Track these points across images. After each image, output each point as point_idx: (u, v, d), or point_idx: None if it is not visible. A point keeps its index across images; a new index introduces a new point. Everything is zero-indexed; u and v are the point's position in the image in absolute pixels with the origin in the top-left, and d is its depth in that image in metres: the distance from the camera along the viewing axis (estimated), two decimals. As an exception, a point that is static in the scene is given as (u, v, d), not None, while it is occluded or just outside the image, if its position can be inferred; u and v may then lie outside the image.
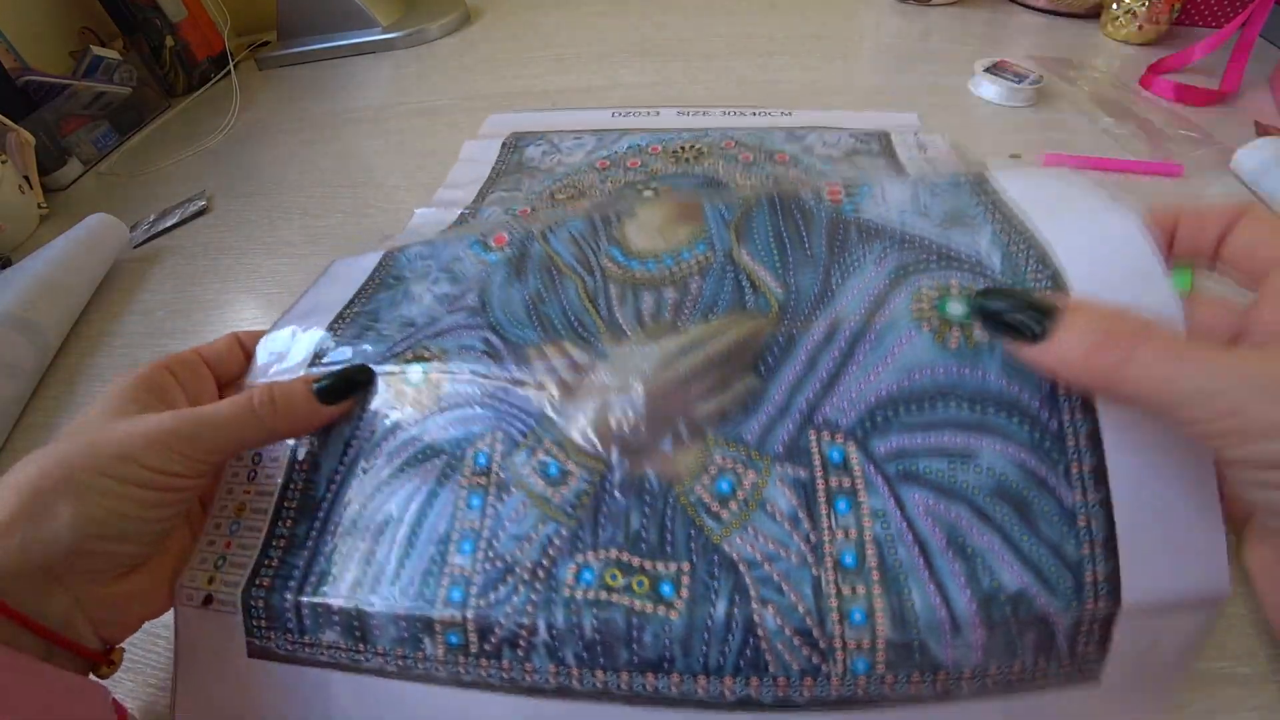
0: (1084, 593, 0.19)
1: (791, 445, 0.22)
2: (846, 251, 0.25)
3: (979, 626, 0.20)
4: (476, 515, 0.24)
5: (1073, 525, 0.20)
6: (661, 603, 0.21)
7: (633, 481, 0.23)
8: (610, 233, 0.29)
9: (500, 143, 0.54)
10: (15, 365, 0.38)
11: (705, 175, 0.46)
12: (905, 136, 0.50)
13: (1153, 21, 0.61)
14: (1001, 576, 0.20)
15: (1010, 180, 0.26)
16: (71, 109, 0.63)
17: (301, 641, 0.24)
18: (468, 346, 0.27)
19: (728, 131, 0.52)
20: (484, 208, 0.46)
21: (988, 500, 0.20)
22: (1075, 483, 0.20)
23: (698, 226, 0.29)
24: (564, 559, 0.22)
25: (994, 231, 0.24)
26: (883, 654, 0.20)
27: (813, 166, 0.46)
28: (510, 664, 0.22)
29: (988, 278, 0.23)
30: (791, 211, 0.28)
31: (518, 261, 0.30)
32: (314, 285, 0.34)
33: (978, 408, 0.21)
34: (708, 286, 0.26)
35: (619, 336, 0.25)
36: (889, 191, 0.27)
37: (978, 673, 0.20)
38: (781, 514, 0.22)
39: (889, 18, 0.72)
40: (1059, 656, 0.20)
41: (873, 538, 0.21)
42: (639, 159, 0.50)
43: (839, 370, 0.23)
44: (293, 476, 0.26)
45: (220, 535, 0.26)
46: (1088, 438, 0.20)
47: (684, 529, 0.22)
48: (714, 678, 0.21)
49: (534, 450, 0.24)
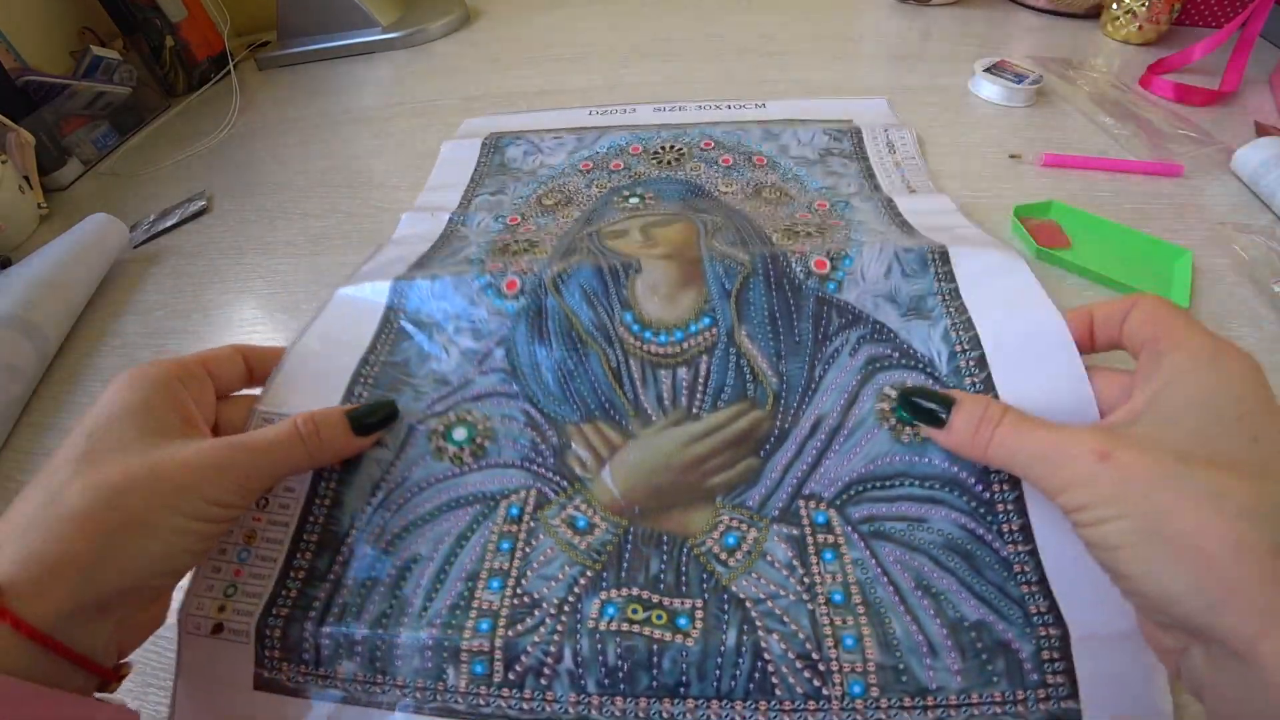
0: (1033, 620, 0.24)
1: (785, 510, 0.27)
2: (828, 340, 0.32)
3: (952, 649, 0.23)
4: (506, 558, 0.27)
5: (1010, 571, 0.25)
6: (679, 632, 0.24)
7: (652, 535, 0.27)
8: (621, 293, 0.34)
9: (480, 142, 0.54)
10: (15, 365, 0.38)
11: (688, 181, 0.48)
12: (876, 134, 0.51)
13: (1153, 21, 0.61)
14: (963, 609, 0.24)
15: (966, 262, 0.33)
16: (71, 109, 0.63)
17: (315, 674, 0.25)
18: (510, 416, 0.31)
19: (705, 130, 0.53)
20: (471, 214, 0.46)
21: (941, 553, 0.25)
22: (1008, 538, 0.25)
23: (700, 292, 0.34)
24: (589, 595, 0.25)
25: (946, 328, 0.31)
26: (875, 676, 0.23)
27: (789, 171, 0.48)
28: (532, 693, 0.24)
29: (936, 379, 0.29)
30: (784, 287, 0.33)
31: (535, 316, 0.34)
32: (319, 317, 0.35)
33: (927, 484, 0.27)
34: (715, 369, 0.31)
35: (645, 419, 0.30)
36: (867, 268, 0.33)
37: (962, 699, 0.23)
38: (779, 563, 0.26)
39: (889, 18, 0.72)
40: (1032, 685, 0.23)
41: (855, 580, 0.25)
42: (621, 160, 0.51)
43: (820, 457, 0.28)
44: (312, 510, 0.28)
45: (228, 562, 0.27)
46: (1014, 503, 0.25)
47: (697, 573, 0.26)
48: (726, 702, 0.23)
49: (564, 506, 0.28)
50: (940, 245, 0.33)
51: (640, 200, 0.46)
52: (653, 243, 0.37)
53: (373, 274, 0.39)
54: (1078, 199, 0.43)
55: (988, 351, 0.29)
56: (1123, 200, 0.44)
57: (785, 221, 0.41)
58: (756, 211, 0.43)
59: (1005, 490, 0.26)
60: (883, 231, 0.37)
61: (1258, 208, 0.43)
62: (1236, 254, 0.39)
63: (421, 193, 0.51)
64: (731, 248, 0.35)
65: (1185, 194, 0.44)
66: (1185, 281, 0.37)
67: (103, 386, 0.40)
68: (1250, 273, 0.38)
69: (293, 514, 0.28)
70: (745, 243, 0.36)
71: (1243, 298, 0.37)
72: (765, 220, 0.41)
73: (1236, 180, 0.45)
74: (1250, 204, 0.43)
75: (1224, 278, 0.38)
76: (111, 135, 0.66)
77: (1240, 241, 0.39)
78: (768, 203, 0.45)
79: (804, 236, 0.37)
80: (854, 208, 0.43)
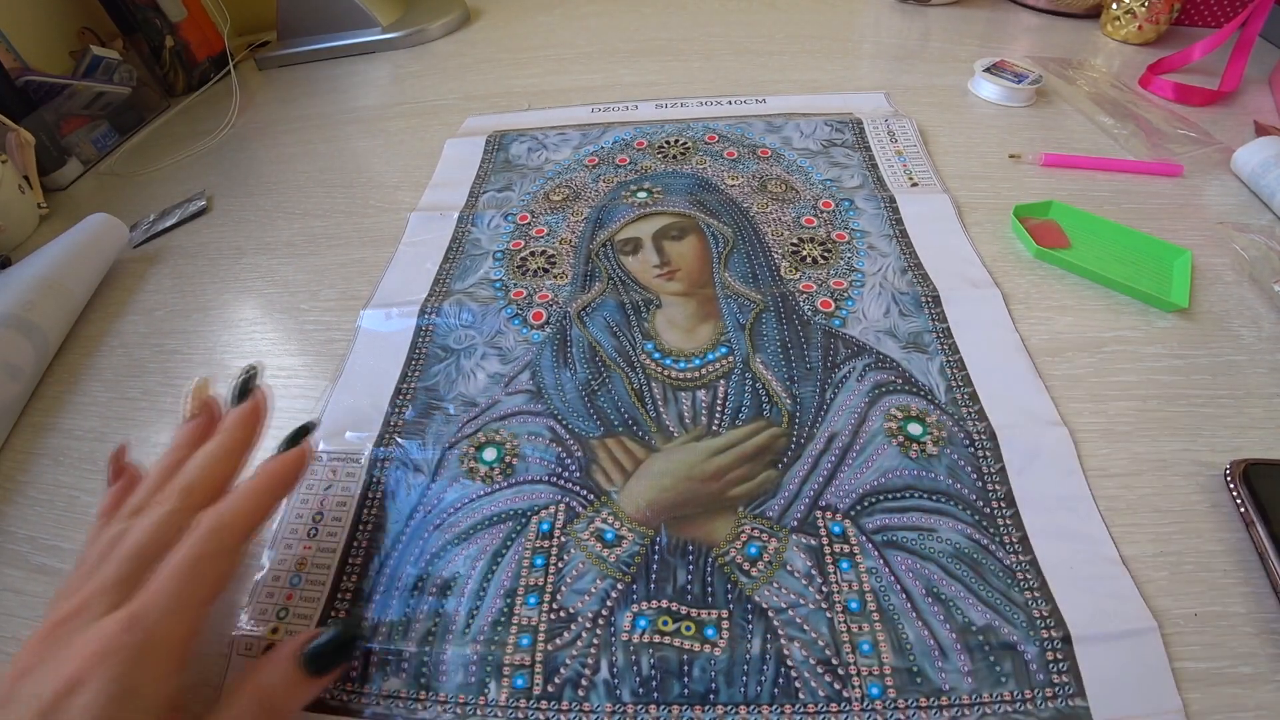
0: (1036, 623, 0.25)
1: (804, 520, 0.29)
2: (837, 367, 0.34)
3: (961, 652, 0.25)
4: (540, 574, 0.28)
5: (1013, 577, 0.26)
6: (707, 642, 0.26)
7: (678, 545, 0.28)
8: (642, 325, 0.37)
9: (484, 140, 0.55)
10: (15, 365, 0.38)
11: (694, 175, 0.48)
12: (877, 124, 0.52)
13: (1152, 21, 0.61)
14: (970, 614, 0.26)
15: (954, 308, 0.37)
16: (71, 109, 0.63)
17: (359, 691, 0.25)
18: (536, 433, 0.33)
19: (709, 124, 0.53)
20: (480, 213, 0.47)
21: (950, 561, 0.27)
22: (1010, 548, 0.27)
23: (717, 326, 0.37)
24: (621, 608, 0.27)
25: (941, 363, 0.34)
26: (891, 678, 0.24)
27: (793, 163, 0.49)
28: (570, 704, 0.25)
29: (937, 406, 0.32)
30: (793, 321, 0.37)
31: (560, 344, 0.37)
32: (354, 349, 0.38)
33: (934, 498, 0.29)
34: (732, 392, 0.34)
35: (667, 434, 0.32)
36: (868, 309, 0.37)
37: (975, 699, 0.24)
38: (799, 572, 0.27)
39: (889, 18, 0.72)
40: (1039, 685, 0.24)
41: (870, 587, 0.27)
42: (627, 155, 0.51)
43: (835, 470, 0.30)
44: (356, 535, 0.30)
45: (280, 588, 0.28)
46: (1011, 518, 0.28)
47: (722, 584, 0.27)
48: (753, 707, 0.24)
49: (592, 520, 0.29)
50: (934, 290, 0.38)
51: (649, 195, 0.46)
52: (669, 268, 0.41)
53: (395, 294, 0.41)
54: (1077, 199, 0.43)
55: (978, 388, 0.33)
56: (1122, 200, 0.44)
57: (791, 233, 0.42)
58: (763, 212, 0.44)
59: (1003, 506, 0.29)
60: (884, 255, 0.41)
61: (1258, 207, 0.43)
62: (1236, 254, 0.39)
63: (426, 190, 0.51)
64: (745, 286, 0.39)
65: (1185, 194, 0.44)
66: (1185, 281, 0.37)
67: (102, 387, 0.40)
68: (1250, 272, 0.38)
69: (339, 540, 0.30)
70: (756, 277, 0.40)
71: (1242, 297, 0.37)
72: (771, 229, 0.43)
73: (1236, 180, 0.45)
74: (1250, 204, 0.43)
75: (1224, 277, 0.38)
76: (111, 135, 0.66)
77: (1240, 241, 0.39)
78: (774, 198, 0.45)
79: (810, 264, 0.40)
80: (858, 209, 0.44)
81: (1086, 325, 0.36)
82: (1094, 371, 0.34)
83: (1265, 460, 0.28)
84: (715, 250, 0.41)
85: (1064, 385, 0.33)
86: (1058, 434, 0.31)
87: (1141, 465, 0.30)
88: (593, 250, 0.42)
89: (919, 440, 0.31)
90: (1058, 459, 0.30)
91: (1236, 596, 0.26)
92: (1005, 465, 0.30)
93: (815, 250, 0.41)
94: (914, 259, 0.40)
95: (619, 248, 0.42)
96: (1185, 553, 0.27)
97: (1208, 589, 0.26)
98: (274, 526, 0.30)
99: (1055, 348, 0.35)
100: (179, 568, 0.22)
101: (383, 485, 0.31)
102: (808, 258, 0.41)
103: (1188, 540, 0.27)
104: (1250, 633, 0.25)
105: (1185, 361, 0.34)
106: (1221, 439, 0.30)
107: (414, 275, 0.42)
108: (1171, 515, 0.28)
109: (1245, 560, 0.26)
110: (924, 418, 0.32)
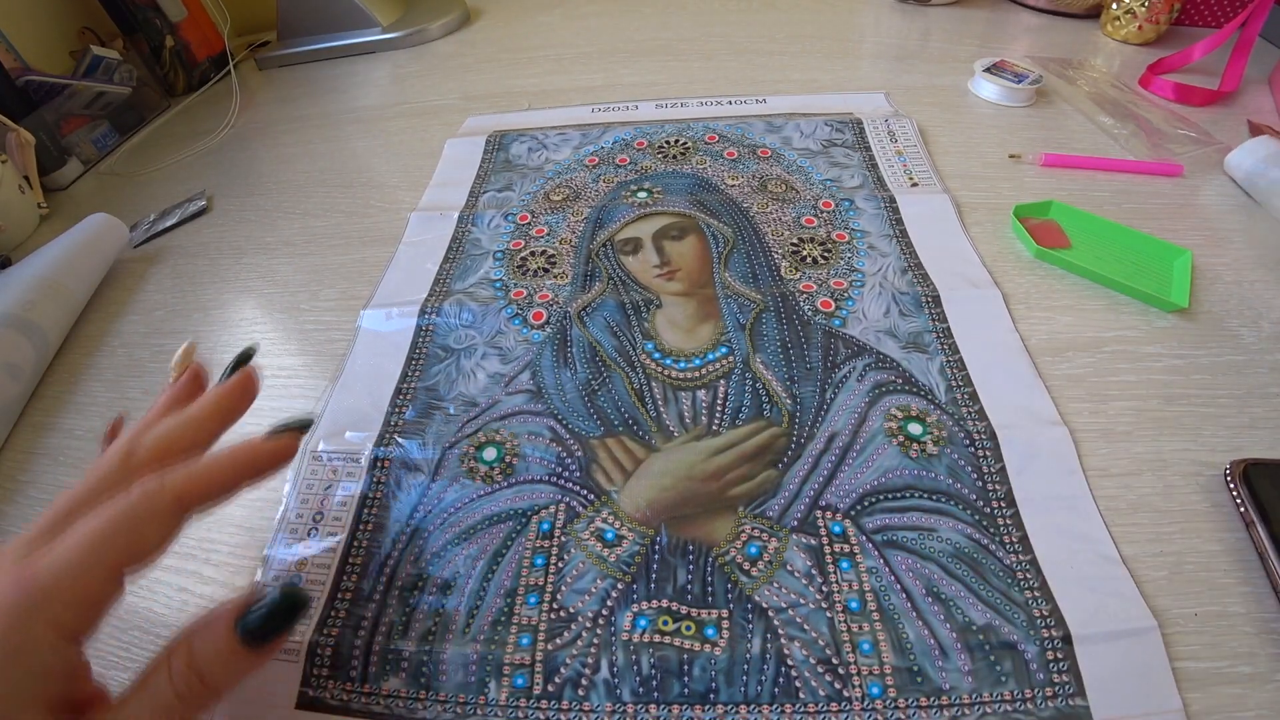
0: (1036, 623, 0.25)
1: (804, 520, 0.29)
2: (837, 367, 0.34)
3: (961, 652, 0.25)
4: (541, 573, 0.28)
5: (1014, 577, 0.26)
6: (708, 642, 0.26)
7: (678, 544, 0.28)
8: (643, 325, 0.37)
9: (484, 140, 0.55)
10: (15, 365, 0.38)
11: (695, 175, 0.48)
12: (877, 124, 0.52)
13: (1152, 21, 0.61)
14: (970, 614, 0.26)
15: (955, 307, 0.37)
16: (71, 109, 0.63)
17: (360, 691, 0.25)
18: (536, 433, 0.33)
19: (709, 124, 0.53)
20: (480, 213, 0.47)
21: (950, 560, 0.27)
22: (1010, 548, 0.27)
23: (717, 326, 0.37)
24: (622, 608, 0.27)
25: (942, 363, 0.34)
26: (891, 678, 0.24)
27: (793, 163, 0.49)
28: (570, 704, 0.24)
29: (937, 406, 0.32)
30: (794, 321, 0.37)
31: (560, 344, 0.37)
32: (354, 349, 0.38)
33: (934, 498, 0.29)
34: (732, 392, 0.34)
35: (667, 434, 0.32)
36: (868, 309, 0.37)
37: (975, 698, 0.24)
38: (799, 572, 0.27)
39: (889, 18, 0.72)
40: (1039, 684, 0.24)
41: (870, 587, 0.27)
42: (627, 155, 0.51)
43: (835, 470, 0.30)
44: (356, 536, 0.30)
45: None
46: (1011, 518, 0.28)
47: (722, 584, 0.27)
48: (754, 707, 0.24)
49: (592, 519, 0.29)
50: (934, 290, 0.38)
51: (649, 195, 0.46)
52: (669, 268, 0.40)
53: (396, 294, 0.41)
54: (1077, 199, 0.43)
55: (978, 388, 0.33)
56: (1122, 200, 0.44)
57: (792, 233, 0.42)
58: (763, 212, 0.44)
59: (1003, 506, 0.28)
60: (884, 255, 0.41)
61: (1257, 207, 0.43)
62: (1236, 253, 0.39)
63: (426, 190, 0.51)
64: (745, 286, 0.39)
65: (1185, 194, 0.44)
66: (1185, 281, 0.37)
67: (103, 386, 0.40)
68: (1250, 272, 0.38)
69: (339, 540, 0.29)
70: (756, 277, 0.40)
71: (1243, 297, 0.37)
72: (771, 229, 0.42)
73: (1231, 182, 0.45)
74: (1250, 203, 0.43)
75: (1223, 277, 0.38)
76: (111, 135, 0.66)
77: (1240, 241, 0.39)
78: (774, 198, 0.45)
79: (810, 264, 0.40)
80: (858, 209, 0.44)
81: (1086, 325, 0.36)
82: (1094, 371, 0.34)
83: (1265, 460, 0.28)
84: (715, 250, 0.41)
85: (1064, 385, 0.33)
86: (1058, 434, 0.31)
87: (1141, 465, 0.30)
88: (593, 250, 0.42)
89: (919, 440, 0.31)
90: (1058, 459, 0.30)
91: (1236, 596, 0.26)
92: (1005, 465, 0.30)
93: (815, 250, 0.41)
94: (914, 259, 0.40)
95: (619, 248, 0.42)
96: (1185, 552, 0.27)
97: (1207, 589, 0.26)
98: (274, 526, 0.30)
99: (1055, 347, 0.35)
100: (93, 528, 0.20)
101: (383, 485, 0.31)
102: (808, 258, 0.41)
103: (1188, 540, 0.27)
104: (1250, 633, 0.25)
105: (1185, 361, 0.34)
106: (1221, 439, 0.30)
107: (414, 275, 0.42)
108: (1171, 515, 0.28)
109: (1245, 560, 0.26)
110: (924, 417, 0.32)
